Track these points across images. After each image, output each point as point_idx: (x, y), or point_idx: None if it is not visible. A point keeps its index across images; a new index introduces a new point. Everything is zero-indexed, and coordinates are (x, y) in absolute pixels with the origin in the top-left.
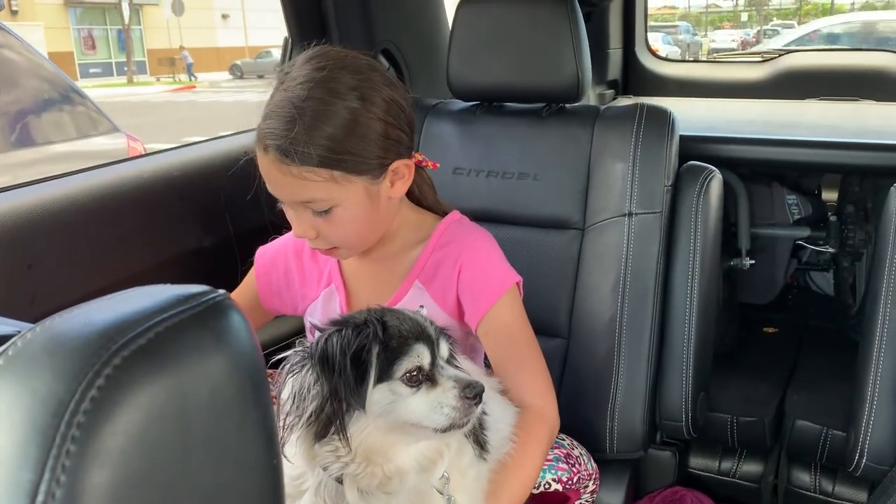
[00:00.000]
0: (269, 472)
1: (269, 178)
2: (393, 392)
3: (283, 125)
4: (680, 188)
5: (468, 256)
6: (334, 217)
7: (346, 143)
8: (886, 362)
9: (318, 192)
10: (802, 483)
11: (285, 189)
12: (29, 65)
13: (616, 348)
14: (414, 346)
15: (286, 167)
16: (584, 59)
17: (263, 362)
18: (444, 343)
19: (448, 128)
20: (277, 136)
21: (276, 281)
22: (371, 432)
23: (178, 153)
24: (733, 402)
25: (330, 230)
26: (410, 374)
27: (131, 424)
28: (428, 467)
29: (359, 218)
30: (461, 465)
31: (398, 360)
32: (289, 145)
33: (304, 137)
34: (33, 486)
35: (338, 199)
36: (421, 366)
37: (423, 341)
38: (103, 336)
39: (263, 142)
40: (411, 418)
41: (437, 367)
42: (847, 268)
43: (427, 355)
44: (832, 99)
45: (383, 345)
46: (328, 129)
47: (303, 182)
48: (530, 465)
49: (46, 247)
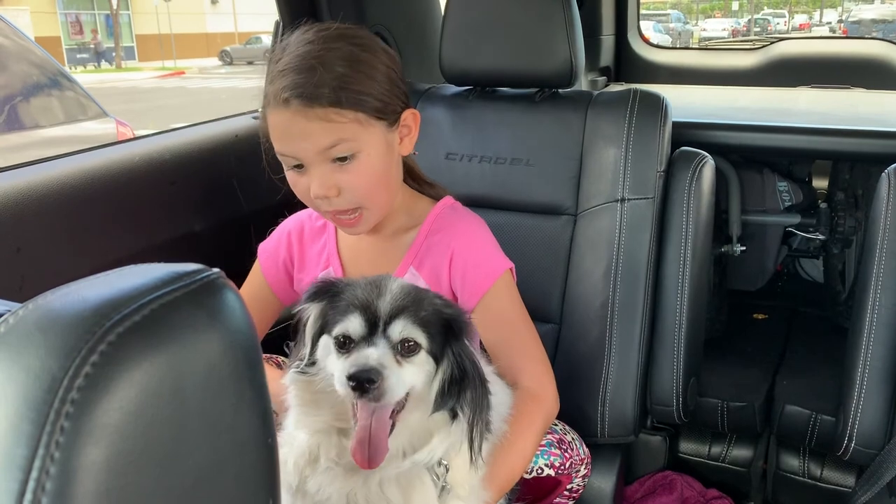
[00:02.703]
0: (264, 450)
1: (289, 133)
2: (328, 347)
3: (302, 75)
4: (672, 174)
5: (460, 243)
6: (356, 166)
7: (365, 84)
8: (876, 347)
9: (345, 133)
10: (791, 467)
11: (311, 136)
12: (17, 49)
13: (608, 333)
14: (348, 316)
15: (312, 111)
16: (578, 44)
17: (258, 341)
18: (400, 323)
19: (440, 113)
20: (298, 85)
21: (284, 270)
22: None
23: (168, 137)
24: (723, 387)
25: (352, 182)
26: (338, 338)
27: (126, 401)
28: (417, 446)
29: (378, 168)
30: (465, 460)
31: (338, 322)
32: (314, 89)
33: (328, 80)
34: (27, 462)
35: (362, 142)
36: (347, 335)
37: (362, 314)
38: (97, 312)
39: (280, 97)
40: (330, 370)
41: (370, 342)
42: (837, 255)
43: (359, 327)
44: (823, 86)
45: (330, 305)
46: (349, 72)
47: (329, 124)
48: (523, 445)
49: (35, 230)
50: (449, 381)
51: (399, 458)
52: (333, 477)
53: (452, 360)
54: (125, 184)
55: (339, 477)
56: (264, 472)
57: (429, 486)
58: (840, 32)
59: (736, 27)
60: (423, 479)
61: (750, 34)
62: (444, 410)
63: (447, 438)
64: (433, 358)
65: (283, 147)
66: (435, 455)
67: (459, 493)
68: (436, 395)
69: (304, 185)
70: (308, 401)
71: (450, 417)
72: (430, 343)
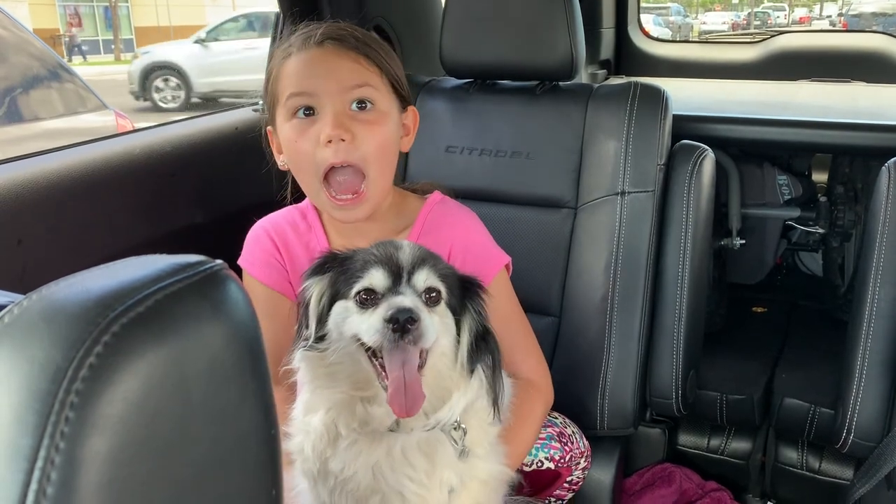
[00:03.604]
0: (267, 442)
1: (315, 70)
2: (346, 309)
3: (335, 27)
4: (673, 167)
5: (456, 240)
6: (373, 116)
7: (388, 56)
8: (875, 340)
9: (371, 80)
10: (790, 460)
11: (340, 72)
12: (17, 41)
13: (607, 326)
14: (369, 271)
15: (345, 52)
16: (578, 37)
17: (261, 333)
18: (423, 273)
19: (441, 105)
20: (333, 30)
21: (280, 268)
22: (339, 351)
23: (169, 129)
24: (723, 380)
25: (366, 132)
26: (360, 295)
27: (130, 392)
28: (437, 406)
29: (389, 136)
30: (480, 419)
31: (355, 282)
32: (349, 35)
33: (359, 36)
34: (32, 451)
35: (381, 100)
36: (371, 288)
37: (383, 267)
38: (101, 303)
39: (314, 38)
40: (353, 331)
41: (396, 291)
42: (836, 248)
43: (382, 279)
44: (824, 80)
45: (341, 271)
46: (375, 42)
47: (358, 67)
48: (525, 433)
49: (36, 222)
50: (476, 337)
51: (422, 418)
52: (358, 451)
53: (476, 317)
54: (125, 176)
55: (363, 450)
56: (267, 463)
57: (449, 450)
58: (840, 26)
59: (736, 20)
60: (443, 443)
61: (750, 27)
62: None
63: (465, 395)
64: (451, 311)
65: (304, 84)
66: (455, 411)
67: (478, 453)
68: (467, 351)
69: (313, 134)
70: (322, 374)
71: (467, 375)
72: (449, 296)
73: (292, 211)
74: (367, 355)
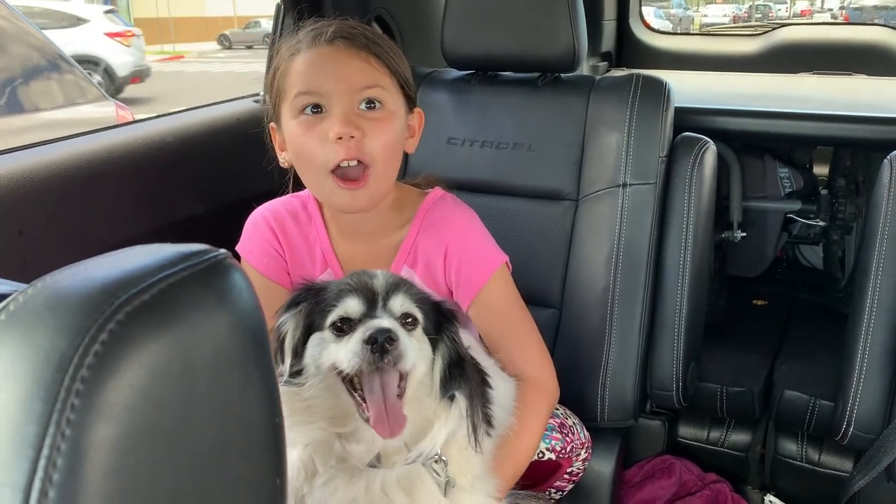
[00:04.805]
0: (271, 429)
1: (325, 68)
2: (323, 340)
3: (345, 25)
4: (674, 159)
5: (453, 239)
6: (382, 115)
7: (397, 56)
8: (876, 333)
9: (381, 80)
10: (789, 452)
11: (351, 72)
12: (16, 31)
13: (608, 318)
14: (344, 300)
15: (356, 51)
16: (581, 29)
17: (265, 323)
18: (399, 298)
19: (442, 97)
20: (343, 28)
21: (276, 263)
22: (316, 386)
23: (170, 120)
24: (723, 372)
25: (375, 128)
26: (336, 324)
27: (135, 379)
28: (418, 437)
29: (396, 134)
30: (462, 448)
31: (330, 311)
32: (360, 34)
33: (370, 35)
34: (39, 439)
35: (389, 101)
36: (346, 316)
37: (358, 294)
38: (105, 291)
39: (324, 36)
40: (331, 360)
41: (373, 316)
42: (837, 241)
43: (358, 306)
44: (825, 73)
45: (315, 302)
46: (385, 42)
47: (369, 67)
48: (531, 435)
49: (37, 213)
50: (449, 364)
51: (404, 451)
52: (335, 488)
53: (450, 343)
54: (126, 167)
55: (340, 486)
56: (271, 452)
57: (430, 484)
58: (842, 19)
59: (737, 13)
60: (423, 478)
61: (751, 20)
62: (446, 395)
63: (446, 425)
64: (428, 337)
65: (313, 83)
66: (437, 442)
67: (462, 484)
68: (440, 378)
69: (320, 131)
70: (300, 409)
71: (447, 404)
72: (425, 321)
73: (292, 200)
74: (346, 387)
